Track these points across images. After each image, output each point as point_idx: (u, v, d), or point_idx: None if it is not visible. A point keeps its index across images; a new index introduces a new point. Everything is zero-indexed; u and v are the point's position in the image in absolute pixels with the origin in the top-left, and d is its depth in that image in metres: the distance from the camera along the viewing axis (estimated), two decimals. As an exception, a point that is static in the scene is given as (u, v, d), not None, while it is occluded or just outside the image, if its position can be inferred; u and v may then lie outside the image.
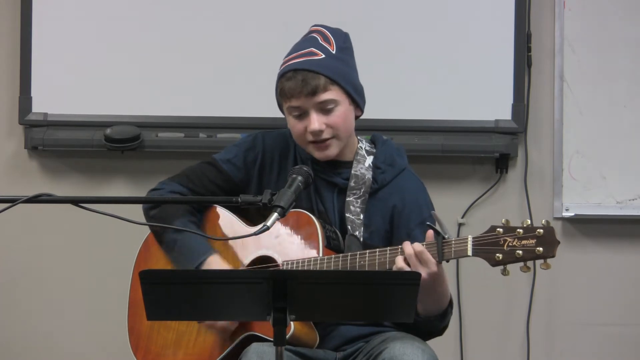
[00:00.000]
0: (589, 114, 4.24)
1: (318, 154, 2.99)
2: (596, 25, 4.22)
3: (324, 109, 2.94)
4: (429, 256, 2.75)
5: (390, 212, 3.02)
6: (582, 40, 4.23)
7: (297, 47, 3.01)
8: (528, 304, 4.27)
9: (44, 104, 4.25)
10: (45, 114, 4.25)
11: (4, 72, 4.32)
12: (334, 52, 2.97)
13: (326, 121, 2.94)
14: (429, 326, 2.88)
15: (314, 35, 3.02)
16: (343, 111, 2.96)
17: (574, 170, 4.25)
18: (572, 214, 4.24)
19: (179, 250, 2.99)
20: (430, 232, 2.78)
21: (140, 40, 4.24)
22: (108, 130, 4.17)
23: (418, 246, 2.76)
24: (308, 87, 2.91)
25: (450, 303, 2.92)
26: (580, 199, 4.25)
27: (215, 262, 2.95)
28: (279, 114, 3.13)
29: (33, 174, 4.33)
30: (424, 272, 2.74)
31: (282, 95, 2.96)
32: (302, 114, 2.95)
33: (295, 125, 2.98)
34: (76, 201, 2.67)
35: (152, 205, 3.08)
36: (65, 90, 4.26)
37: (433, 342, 2.97)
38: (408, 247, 2.76)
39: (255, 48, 4.20)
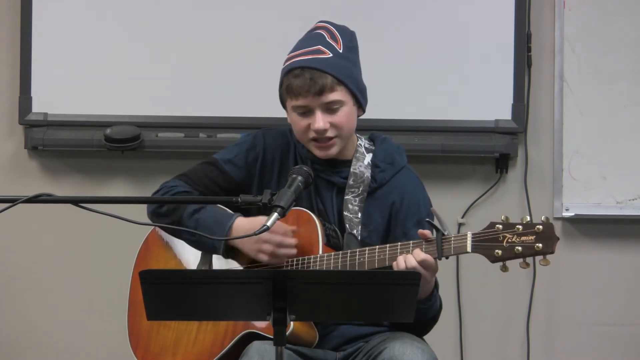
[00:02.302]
0: (589, 114, 4.24)
1: (319, 153, 2.99)
2: (596, 25, 4.23)
3: (330, 108, 2.94)
4: (431, 260, 2.76)
5: (389, 210, 3.02)
6: (582, 40, 4.23)
7: (303, 44, 3.00)
8: (528, 304, 4.28)
9: (44, 104, 4.25)
10: (45, 114, 4.25)
11: (4, 72, 4.32)
12: (341, 51, 2.97)
13: (331, 120, 2.94)
14: (418, 314, 2.86)
15: (321, 32, 3.01)
16: (347, 111, 2.96)
17: (574, 170, 4.25)
18: (572, 214, 4.24)
19: (204, 225, 2.95)
20: (421, 232, 2.78)
21: (140, 40, 4.24)
22: (108, 130, 4.17)
23: (419, 254, 2.76)
24: (316, 87, 2.91)
25: (436, 285, 2.93)
26: (580, 199, 4.25)
27: (243, 222, 2.93)
28: (279, 114, 3.12)
29: (33, 174, 4.33)
30: (426, 275, 2.76)
31: (289, 92, 2.96)
32: (307, 112, 2.95)
33: (298, 122, 2.97)
34: (76, 201, 2.67)
35: (159, 205, 3.06)
36: (65, 90, 4.26)
37: (433, 342, 2.97)
38: (412, 260, 2.76)
39: (255, 48, 4.20)
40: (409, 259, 2.77)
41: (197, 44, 4.23)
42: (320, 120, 2.93)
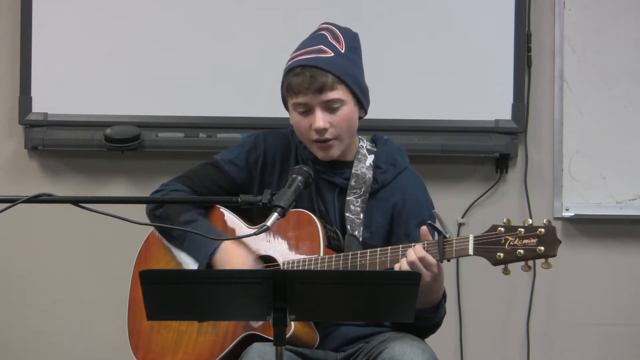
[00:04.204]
0: (589, 114, 4.24)
1: (321, 154, 2.99)
2: (596, 25, 4.23)
3: (330, 107, 2.94)
4: (431, 259, 2.75)
5: (391, 211, 3.02)
6: (582, 40, 4.23)
7: (305, 44, 3.01)
8: (528, 304, 4.28)
9: (44, 104, 4.25)
10: (45, 114, 4.25)
11: (4, 72, 4.32)
12: (342, 51, 2.97)
13: (331, 120, 2.94)
14: (421, 320, 2.86)
15: (324, 33, 3.02)
16: (348, 111, 2.96)
17: (574, 170, 4.25)
18: (572, 214, 4.24)
19: (191, 240, 2.97)
20: (424, 229, 2.78)
21: (140, 40, 4.24)
22: (108, 130, 4.17)
23: (420, 251, 2.75)
24: (316, 84, 2.91)
25: (444, 296, 2.92)
26: (580, 199, 4.25)
27: (228, 247, 2.94)
28: (279, 114, 3.12)
29: (33, 174, 4.33)
30: (427, 276, 2.75)
31: (289, 90, 2.96)
32: (307, 111, 2.95)
33: (299, 122, 2.97)
34: (76, 201, 2.67)
35: (156, 206, 3.07)
36: (65, 90, 4.26)
37: (433, 342, 2.97)
38: (412, 254, 2.76)
39: (255, 48, 4.20)
40: (408, 253, 2.76)
41: (197, 44, 4.23)
42: (320, 119, 2.93)
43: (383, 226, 3.01)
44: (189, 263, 3.00)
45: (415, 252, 2.76)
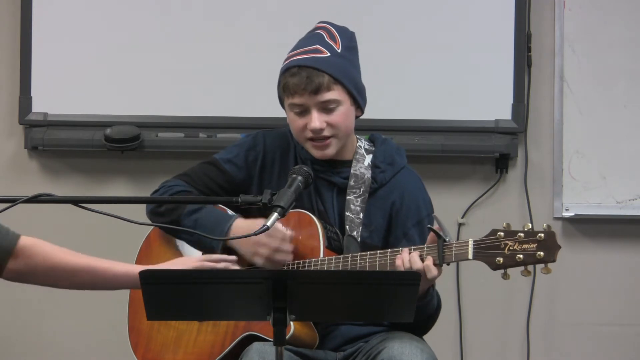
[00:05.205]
0: (589, 114, 4.24)
1: (316, 153, 2.99)
2: (596, 25, 4.23)
3: (326, 107, 2.94)
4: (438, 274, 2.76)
5: (389, 210, 3.02)
6: (582, 40, 4.23)
7: (302, 43, 3.01)
8: (528, 304, 4.27)
9: (44, 104, 4.25)
10: (45, 114, 4.25)
11: (4, 72, 4.32)
12: (339, 50, 2.97)
13: (327, 120, 2.94)
14: (415, 313, 2.85)
15: (320, 32, 3.02)
16: (344, 111, 2.96)
17: (574, 170, 4.25)
18: (572, 214, 4.24)
19: (203, 225, 2.96)
20: (432, 236, 2.78)
21: (140, 41, 4.24)
22: (108, 130, 4.17)
23: (432, 271, 2.75)
24: (312, 85, 2.91)
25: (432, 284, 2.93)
26: (580, 199, 4.25)
27: (242, 223, 2.94)
28: (279, 114, 3.12)
29: (33, 174, 4.33)
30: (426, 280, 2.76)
31: (285, 90, 2.96)
32: (304, 111, 2.95)
33: (295, 121, 2.97)
34: (76, 201, 2.67)
35: (157, 204, 3.07)
36: (65, 90, 4.26)
37: (433, 342, 2.97)
38: (418, 264, 2.76)
39: (255, 48, 4.20)
40: (415, 261, 2.76)
41: (197, 44, 4.23)
42: (316, 120, 2.93)
43: (382, 225, 3.01)
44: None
45: (427, 273, 2.74)
